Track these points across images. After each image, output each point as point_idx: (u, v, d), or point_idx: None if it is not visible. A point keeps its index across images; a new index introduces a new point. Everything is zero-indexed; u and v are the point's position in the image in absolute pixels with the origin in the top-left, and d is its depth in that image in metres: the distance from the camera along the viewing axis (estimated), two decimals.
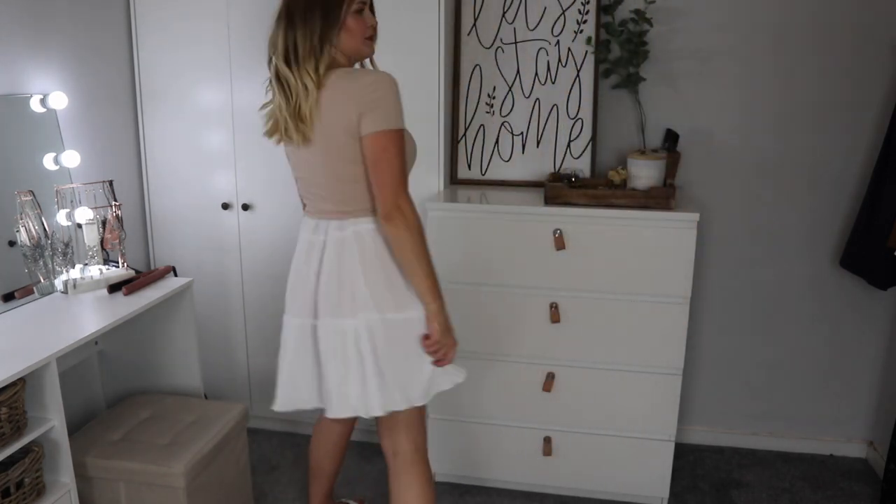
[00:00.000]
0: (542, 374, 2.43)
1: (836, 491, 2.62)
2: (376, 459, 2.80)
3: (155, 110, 2.73)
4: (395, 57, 2.51)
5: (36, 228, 2.10)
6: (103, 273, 2.30)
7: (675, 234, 2.24)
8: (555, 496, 2.58)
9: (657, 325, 2.31)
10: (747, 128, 2.62)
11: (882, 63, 2.49)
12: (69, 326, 1.97)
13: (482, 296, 2.41)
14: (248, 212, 2.74)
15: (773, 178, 2.64)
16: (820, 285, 2.70)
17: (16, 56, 2.22)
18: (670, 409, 2.38)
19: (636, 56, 2.48)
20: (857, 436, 2.82)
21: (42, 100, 2.28)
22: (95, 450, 2.06)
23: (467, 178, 2.71)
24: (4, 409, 1.66)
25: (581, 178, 2.44)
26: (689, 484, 2.67)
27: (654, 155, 2.34)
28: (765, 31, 2.53)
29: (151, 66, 2.69)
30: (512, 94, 2.64)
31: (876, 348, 2.72)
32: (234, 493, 2.32)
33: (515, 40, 2.62)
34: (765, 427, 2.88)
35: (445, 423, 2.56)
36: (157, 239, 2.86)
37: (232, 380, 2.95)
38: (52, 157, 2.30)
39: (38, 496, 1.79)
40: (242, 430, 2.35)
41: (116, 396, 2.51)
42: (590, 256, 2.30)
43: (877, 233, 2.39)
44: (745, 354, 2.82)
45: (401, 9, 2.46)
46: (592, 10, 2.55)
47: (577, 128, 2.61)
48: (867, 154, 2.56)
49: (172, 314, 2.38)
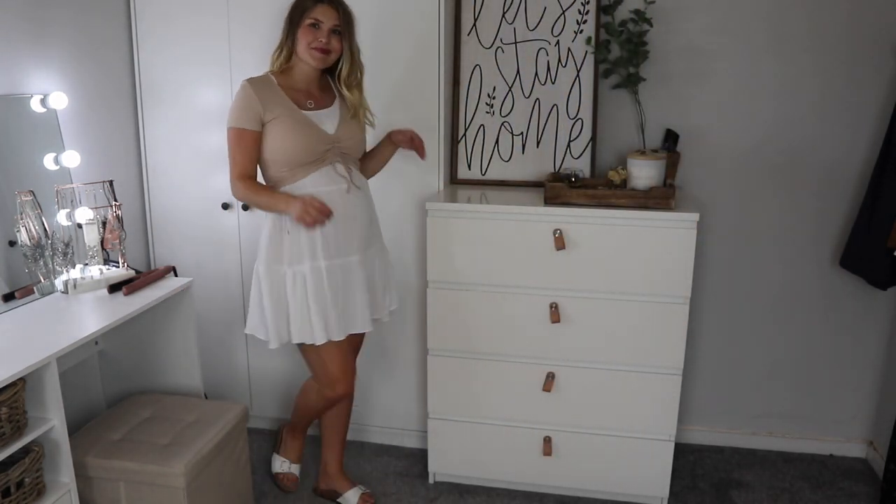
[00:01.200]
0: (542, 374, 2.43)
1: (836, 491, 2.62)
2: (376, 459, 2.80)
3: (155, 110, 2.73)
4: (396, 57, 2.52)
5: (36, 228, 2.11)
6: (103, 273, 2.30)
7: (675, 234, 2.24)
8: (555, 496, 2.58)
9: (657, 325, 2.32)
10: (747, 128, 2.62)
11: (882, 63, 2.49)
12: (69, 326, 1.97)
13: (482, 296, 2.41)
14: (248, 212, 2.74)
15: (773, 178, 2.64)
16: (820, 285, 2.70)
17: (16, 56, 2.22)
18: (670, 409, 2.38)
19: (636, 56, 2.48)
20: (857, 436, 2.82)
21: (42, 100, 2.28)
22: (95, 450, 2.06)
23: (467, 178, 2.71)
24: (4, 409, 1.66)
25: (581, 178, 2.44)
26: (688, 484, 2.67)
27: (654, 155, 2.34)
28: (765, 31, 2.53)
29: (151, 66, 2.69)
30: (512, 94, 2.64)
31: (876, 348, 2.72)
32: (234, 493, 2.32)
33: (515, 40, 2.62)
34: (765, 427, 2.88)
35: (445, 423, 2.56)
36: (157, 239, 2.86)
37: (232, 380, 2.95)
38: (52, 157, 2.31)
39: (38, 496, 1.80)
40: (242, 430, 2.35)
41: (116, 396, 2.51)
42: (590, 256, 2.30)
43: (877, 233, 2.39)
44: (745, 354, 2.82)
45: (401, 9, 2.46)
46: (592, 10, 2.55)
47: (577, 128, 2.61)
48: (867, 154, 2.56)
49: (172, 314, 2.38)
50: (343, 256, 2.17)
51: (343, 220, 2.14)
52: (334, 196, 2.13)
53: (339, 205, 2.13)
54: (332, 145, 2.14)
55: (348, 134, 2.18)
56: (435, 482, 2.67)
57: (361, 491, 2.53)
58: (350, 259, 2.18)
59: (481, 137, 2.68)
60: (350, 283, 2.19)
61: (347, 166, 2.17)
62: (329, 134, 2.14)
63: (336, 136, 2.15)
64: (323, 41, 2.08)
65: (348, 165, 2.18)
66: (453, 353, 2.48)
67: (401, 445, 2.89)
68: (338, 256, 2.16)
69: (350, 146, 2.19)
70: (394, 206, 2.61)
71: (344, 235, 2.16)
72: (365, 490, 2.54)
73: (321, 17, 2.07)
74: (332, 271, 2.15)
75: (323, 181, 2.13)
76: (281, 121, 2.09)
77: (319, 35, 2.08)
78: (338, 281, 2.16)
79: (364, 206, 2.22)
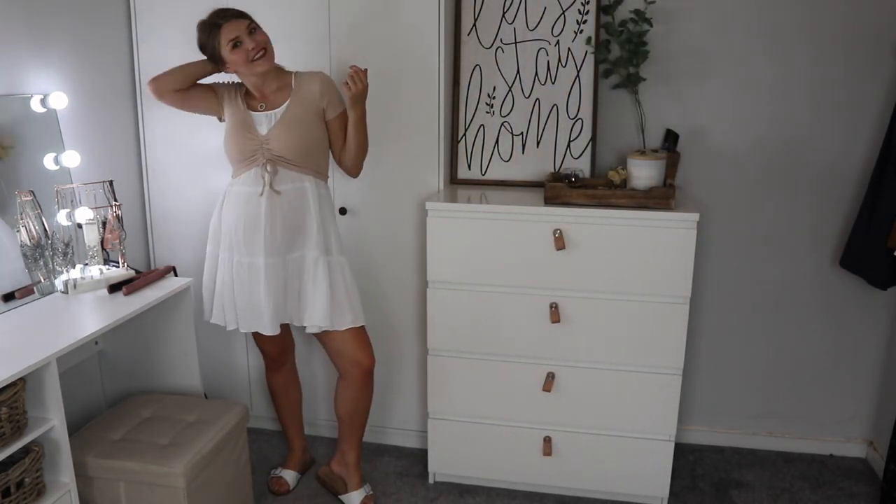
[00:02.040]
0: (542, 374, 2.43)
1: (836, 491, 2.62)
2: (376, 459, 2.80)
3: (155, 110, 2.72)
4: (396, 57, 2.52)
5: (36, 228, 2.11)
6: (103, 273, 2.30)
7: (675, 234, 2.24)
8: (555, 496, 2.59)
9: (657, 325, 2.32)
10: (747, 128, 2.62)
11: (882, 63, 2.49)
12: (69, 326, 1.97)
13: (482, 296, 2.41)
14: None
15: (773, 178, 2.64)
16: (820, 285, 2.70)
17: (16, 56, 2.22)
18: (670, 409, 2.38)
19: (636, 56, 2.48)
20: (857, 436, 2.82)
21: (42, 100, 2.28)
22: (95, 450, 2.06)
23: (467, 178, 2.71)
24: (4, 409, 1.66)
25: (581, 178, 2.44)
26: (688, 484, 2.67)
27: (654, 155, 2.34)
28: (764, 30, 2.53)
29: (151, 65, 2.68)
30: (512, 94, 2.64)
31: (876, 348, 2.72)
32: (234, 493, 2.32)
33: (515, 40, 2.62)
34: (765, 427, 2.88)
35: (445, 423, 2.56)
36: (157, 239, 2.86)
37: (232, 380, 2.95)
38: (52, 157, 2.30)
39: (38, 496, 1.80)
40: (242, 430, 2.35)
41: (116, 396, 2.51)
42: (590, 256, 2.30)
43: (877, 233, 2.39)
44: (745, 354, 2.82)
45: (401, 9, 2.46)
46: (592, 10, 2.55)
47: (577, 128, 2.61)
48: (867, 154, 2.56)
49: (172, 314, 2.38)
50: (249, 256, 2.23)
51: (251, 221, 2.21)
52: (251, 198, 2.21)
53: (251, 206, 2.20)
54: (261, 146, 2.19)
55: (279, 134, 2.19)
56: (435, 482, 2.67)
57: (366, 493, 2.52)
58: (255, 260, 2.22)
59: (481, 137, 2.68)
60: (254, 284, 2.25)
61: (275, 168, 2.19)
62: (260, 135, 2.20)
63: (265, 138, 2.19)
64: (253, 47, 2.12)
65: (276, 168, 2.19)
66: (453, 353, 2.48)
67: (401, 445, 2.89)
68: (247, 255, 2.23)
69: (280, 147, 2.19)
70: (394, 206, 2.61)
71: (250, 237, 2.22)
72: (370, 493, 2.53)
73: (234, 32, 2.11)
74: (240, 267, 2.26)
75: (248, 182, 2.22)
76: (228, 118, 2.26)
77: (247, 45, 2.11)
78: (243, 277, 2.26)
79: (282, 211, 2.20)
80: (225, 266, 2.30)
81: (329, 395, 2.82)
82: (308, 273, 2.26)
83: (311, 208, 2.24)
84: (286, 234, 2.23)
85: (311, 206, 2.24)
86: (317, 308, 2.26)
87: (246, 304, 2.27)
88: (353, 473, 2.52)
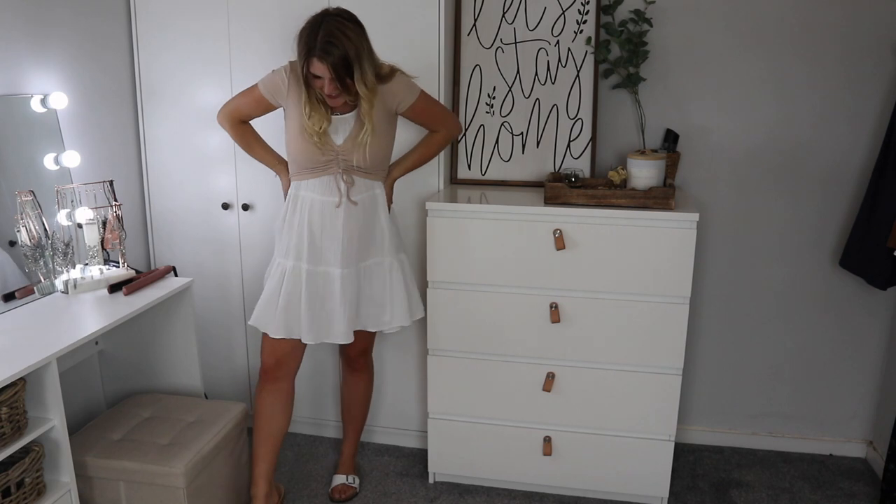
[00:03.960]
0: (542, 374, 2.43)
1: (836, 491, 2.62)
2: (376, 459, 2.80)
3: (155, 110, 2.73)
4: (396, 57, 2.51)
5: (36, 228, 2.11)
6: (103, 273, 2.30)
7: (675, 234, 2.24)
8: (555, 496, 2.59)
9: (657, 325, 2.32)
10: (747, 128, 2.62)
11: (882, 63, 2.49)
12: (69, 326, 1.97)
13: (482, 296, 2.41)
14: (248, 212, 2.74)
15: (773, 177, 2.64)
16: (820, 285, 2.70)
17: (16, 56, 2.22)
18: (670, 408, 2.38)
19: (636, 56, 2.48)
20: (856, 436, 2.82)
21: (42, 100, 2.28)
22: (95, 450, 2.06)
23: (467, 178, 2.71)
24: (5, 408, 1.66)
25: (581, 178, 2.44)
26: (688, 484, 2.67)
27: (654, 155, 2.34)
28: (764, 30, 2.53)
29: (151, 66, 2.69)
30: (512, 94, 2.64)
31: (876, 348, 2.72)
32: (234, 493, 2.32)
33: (515, 40, 2.62)
34: (765, 427, 2.88)
35: (445, 423, 2.56)
36: (157, 239, 2.86)
37: (232, 380, 2.95)
38: (52, 157, 2.30)
39: (38, 496, 1.80)
40: (242, 430, 2.36)
41: (116, 396, 2.51)
42: (590, 256, 2.30)
43: (877, 233, 2.39)
44: (745, 354, 2.82)
45: (401, 9, 2.46)
46: (592, 10, 2.55)
47: (577, 128, 2.61)
48: (867, 154, 2.56)
49: (172, 314, 2.38)
50: (324, 265, 2.18)
51: (327, 232, 2.16)
52: (325, 207, 2.15)
53: (327, 217, 2.15)
54: (337, 156, 2.13)
55: (355, 147, 2.13)
56: (435, 482, 2.67)
57: (346, 482, 2.56)
58: (330, 270, 2.18)
59: (481, 137, 2.68)
60: (328, 294, 2.19)
61: (351, 179, 2.15)
62: (335, 145, 2.13)
63: (341, 148, 2.13)
64: (327, 91, 2.04)
65: (352, 178, 2.15)
66: (453, 353, 2.48)
67: (401, 445, 2.89)
68: (320, 264, 2.18)
69: (358, 159, 2.14)
70: (394, 205, 2.61)
71: (326, 247, 2.17)
72: (352, 484, 2.57)
73: (318, 71, 2.01)
74: (312, 277, 2.17)
75: (320, 190, 2.16)
76: (292, 118, 2.14)
77: (321, 85, 2.04)
78: (318, 287, 2.18)
79: (357, 221, 2.18)
80: (289, 274, 2.19)
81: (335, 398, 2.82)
82: (385, 278, 2.26)
83: (381, 214, 2.24)
84: (362, 242, 2.20)
85: (381, 211, 2.24)
86: (397, 309, 2.29)
87: (317, 314, 2.20)
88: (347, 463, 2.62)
